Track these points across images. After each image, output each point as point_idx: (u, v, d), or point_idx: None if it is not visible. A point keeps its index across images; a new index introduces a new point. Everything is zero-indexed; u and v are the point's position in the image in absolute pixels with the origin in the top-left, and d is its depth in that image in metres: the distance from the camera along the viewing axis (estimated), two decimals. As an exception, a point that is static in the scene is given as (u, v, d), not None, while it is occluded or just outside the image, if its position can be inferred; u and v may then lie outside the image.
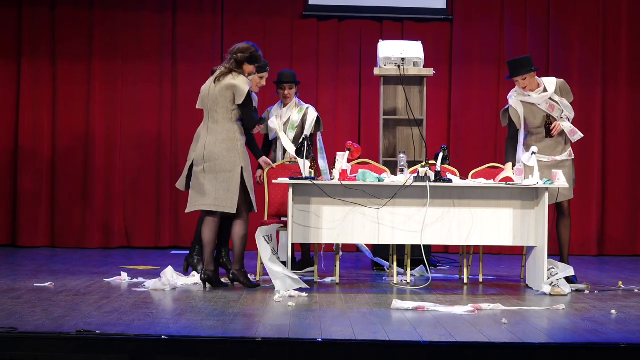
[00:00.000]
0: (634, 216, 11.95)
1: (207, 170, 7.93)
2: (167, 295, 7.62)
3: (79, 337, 5.55)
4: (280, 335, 5.85)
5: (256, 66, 8.15)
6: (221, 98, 7.95)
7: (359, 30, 11.98)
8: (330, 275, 8.71)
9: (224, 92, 7.94)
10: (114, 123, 11.74)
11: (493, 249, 11.36)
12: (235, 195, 7.89)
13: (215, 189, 7.89)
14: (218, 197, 7.89)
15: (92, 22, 11.74)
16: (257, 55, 8.05)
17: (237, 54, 8.01)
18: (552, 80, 8.70)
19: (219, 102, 7.97)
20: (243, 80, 7.93)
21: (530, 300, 7.65)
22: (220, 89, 7.95)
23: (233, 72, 7.96)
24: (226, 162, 7.90)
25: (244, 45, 8.06)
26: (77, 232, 11.67)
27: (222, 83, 7.95)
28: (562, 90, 8.66)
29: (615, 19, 11.99)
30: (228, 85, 7.92)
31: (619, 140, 11.97)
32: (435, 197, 8.21)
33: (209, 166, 7.92)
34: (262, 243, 7.97)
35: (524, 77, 8.53)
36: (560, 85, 8.67)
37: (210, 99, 8.01)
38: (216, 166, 7.91)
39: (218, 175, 7.90)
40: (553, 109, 8.60)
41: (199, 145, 8.07)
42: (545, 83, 8.65)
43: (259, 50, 8.11)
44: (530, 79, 8.55)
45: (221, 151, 7.91)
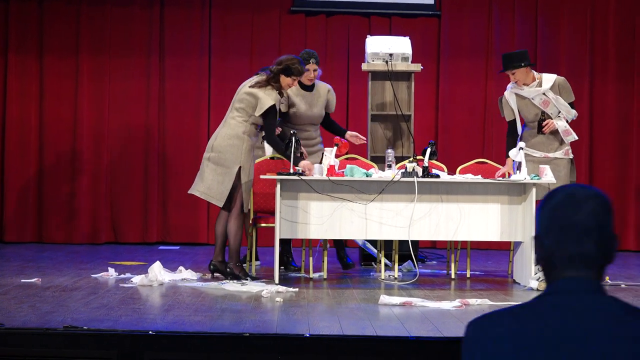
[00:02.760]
0: (621, 210, 11.98)
1: (211, 160, 8.19)
2: (154, 290, 7.61)
3: (66, 333, 5.54)
4: (268, 330, 5.85)
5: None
6: (245, 101, 8.19)
7: (346, 26, 11.98)
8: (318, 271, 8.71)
9: (250, 97, 8.18)
10: (101, 118, 11.71)
11: (481, 245, 11.37)
12: (226, 191, 8.11)
13: (211, 179, 8.15)
14: (211, 187, 8.15)
15: (80, 17, 11.71)
16: (295, 67, 8.21)
17: (275, 65, 8.23)
18: (552, 77, 8.68)
19: (242, 102, 8.20)
20: (272, 96, 8.13)
21: (518, 296, 7.66)
22: (248, 93, 8.19)
23: (270, 85, 8.17)
24: (227, 158, 8.12)
25: (284, 57, 8.32)
26: (65, 227, 11.64)
27: (253, 89, 8.18)
28: (561, 88, 8.65)
29: (603, 12, 12.02)
30: (255, 94, 8.15)
31: (606, 133, 12.00)
32: (423, 192, 8.21)
33: (213, 156, 8.18)
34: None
35: (512, 72, 8.56)
36: (559, 83, 8.65)
37: (238, 96, 8.26)
38: (219, 159, 8.15)
39: (217, 167, 8.15)
40: (547, 105, 8.61)
41: (214, 134, 8.36)
42: (543, 78, 8.65)
43: (302, 64, 8.32)
44: (521, 74, 8.55)
45: (226, 146, 8.14)
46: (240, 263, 8.25)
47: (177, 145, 11.76)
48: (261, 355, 5.51)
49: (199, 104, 11.76)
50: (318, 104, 8.99)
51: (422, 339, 5.64)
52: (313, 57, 8.90)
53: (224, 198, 8.13)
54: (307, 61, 8.81)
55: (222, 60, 11.78)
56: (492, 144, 11.88)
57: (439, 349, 5.58)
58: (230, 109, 8.29)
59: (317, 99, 8.98)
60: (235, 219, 8.18)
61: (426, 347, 5.58)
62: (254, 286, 7.71)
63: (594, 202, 2.41)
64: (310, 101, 8.96)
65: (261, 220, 8.76)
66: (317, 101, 8.98)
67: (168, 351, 5.49)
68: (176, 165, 11.71)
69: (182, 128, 11.78)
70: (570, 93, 8.68)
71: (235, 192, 8.15)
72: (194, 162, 11.30)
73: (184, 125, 11.78)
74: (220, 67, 11.76)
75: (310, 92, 8.97)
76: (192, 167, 11.21)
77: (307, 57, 8.86)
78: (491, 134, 11.93)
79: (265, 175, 8.25)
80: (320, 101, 8.99)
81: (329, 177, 8.08)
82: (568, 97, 8.66)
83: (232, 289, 7.62)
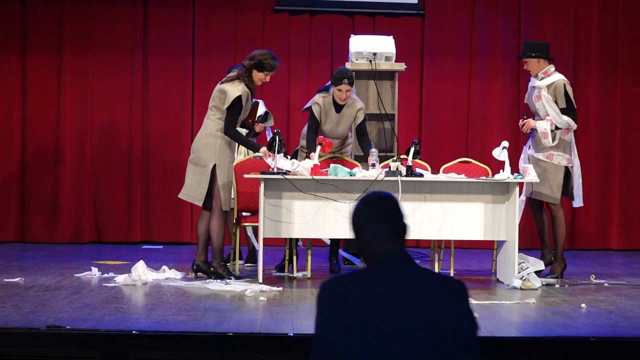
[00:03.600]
0: (604, 209, 12.02)
1: (190, 161, 8.29)
2: (138, 290, 7.60)
3: (49, 333, 5.53)
4: (252, 330, 5.85)
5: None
6: (216, 98, 8.24)
7: (330, 25, 11.98)
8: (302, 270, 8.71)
9: (219, 94, 8.23)
10: (84, 117, 11.67)
11: (464, 243, 11.39)
12: (204, 190, 8.17)
13: (190, 180, 8.23)
14: (190, 187, 8.24)
15: (63, 15, 11.67)
16: (267, 62, 8.21)
17: (247, 60, 8.25)
18: (555, 77, 8.71)
19: (214, 101, 8.25)
20: (238, 88, 8.15)
21: (501, 294, 7.67)
22: (217, 90, 8.26)
23: (239, 78, 8.19)
24: (202, 157, 8.18)
25: (257, 52, 8.32)
26: (47, 226, 11.60)
27: (222, 86, 8.23)
28: (556, 91, 8.68)
29: (587, 11, 12.04)
30: (222, 89, 8.20)
31: (589, 133, 12.02)
32: (407, 191, 8.22)
33: (192, 157, 8.27)
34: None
35: (525, 60, 8.73)
36: (556, 85, 8.68)
37: (212, 95, 8.31)
38: (196, 159, 8.23)
39: (196, 168, 8.22)
40: (538, 100, 8.70)
41: None
42: (548, 75, 8.70)
43: (275, 59, 8.29)
44: (530, 65, 8.70)
45: (202, 145, 8.20)
46: (223, 262, 8.25)
47: (161, 144, 11.73)
48: (245, 354, 5.51)
49: (183, 102, 11.74)
50: (343, 124, 8.89)
51: (405, 338, 5.64)
52: (346, 78, 8.66)
53: (203, 197, 8.17)
54: (339, 81, 8.66)
55: (206, 59, 11.76)
56: (476, 143, 11.89)
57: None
58: (208, 109, 8.33)
59: (345, 119, 8.87)
60: (217, 218, 8.18)
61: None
62: (237, 285, 7.70)
63: (388, 197, 3.28)
64: (336, 122, 8.87)
65: (245, 219, 8.75)
66: (343, 121, 8.88)
67: (151, 351, 5.48)
68: (160, 164, 11.68)
69: (166, 127, 11.75)
70: (562, 99, 8.67)
71: (214, 191, 8.16)
72: (177, 161, 11.29)
73: (168, 124, 11.75)
74: (204, 66, 11.74)
75: (339, 112, 8.86)
76: (176, 166, 11.21)
77: (340, 77, 8.68)
78: (475, 134, 11.94)
79: (249, 175, 8.25)
80: (348, 120, 8.88)
81: (313, 176, 8.08)
82: (560, 102, 8.67)
83: (216, 289, 7.61)
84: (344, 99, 8.74)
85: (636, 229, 12.01)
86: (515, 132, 11.91)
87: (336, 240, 8.94)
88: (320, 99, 8.86)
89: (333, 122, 8.84)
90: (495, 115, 11.98)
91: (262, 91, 11.63)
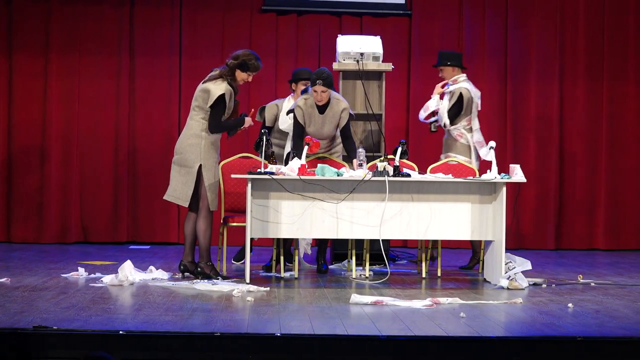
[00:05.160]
0: (591, 210, 12.04)
1: (175, 162, 8.27)
2: (125, 290, 7.58)
3: (36, 333, 5.51)
4: (239, 330, 5.84)
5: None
6: (199, 98, 8.22)
7: (317, 25, 11.98)
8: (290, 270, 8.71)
9: (202, 93, 8.22)
10: (71, 117, 11.65)
11: (451, 243, 11.40)
12: (190, 191, 8.17)
13: (176, 181, 8.22)
14: (176, 188, 8.23)
15: (50, 15, 11.64)
16: (251, 63, 8.25)
17: (231, 60, 8.25)
18: (462, 85, 9.47)
19: (197, 101, 8.24)
20: (221, 87, 8.15)
21: (488, 294, 7.68)
22: (199, 90, 8.25)
23: (222, 77, 8.20)
24: (188, 158, 8.17)
25: (241, 52, 8.33)
26: (34, 227, 11.57)
27: (205, 85, 8.23)
28: (453, 95, 9.45)
29: (573, 13, 12.07)
30: (205, 88, 8.20)
31: (576, 133, 12.05)
32: (394, 191, 8.22)
33: (177, 158, 8.26)
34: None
35: (440, 69, 9.63)
36: (454, 92, 9.43)
37: (194, 96, 8.29)
38: (181, 159, 8.21)
39: (181, 169, 8.21)
40: (442, 98, 9.53)
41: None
42: (456, 82, 9.50)
43: (259, 60, 8.31)
44: (445, 72, 9.59)
45: (186, 146, 8.19)
46: (211, 262, 8.23)
47: (148, 144, 11.71)
48: (232, 354, 5.50)
49: (170, 102, 11.72)
50: (328, 125, 8.87)
51: (393, 337, 5.65)
52: (320, 79, 8.64)
53: (189, 198, 8.17)
54: (314, 82, 8.67)
55: (193, 59, 11.74)
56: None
57: (410, 348, 5.59)
58: (191, 110, 8.30)
59: (329, 120, 8.86)
60: (203, 218, 8.18)
61: (397, 346, 5.59)
62: (225, 285, 7.70)
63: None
64: (320, 123, 8.85)
65: (232, 219, 8.74)
66: (328, 122, 8.86)
67: (138, 351, 5.47)
68: (146, 164, 11.66)
69: (153, 127, 11.73)
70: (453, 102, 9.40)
71: (201, 192, 8.16)
72: (164, 161, 11.25)
73: (154, 124, 11.73)
74: (191, 66, 11.72)
75: (322, 113, 8.86)
76: (162, 166, 11.17)
77: (314, 78, 8.68)
78: (462, 134, 11.94)
79: (237, 175, 8.24)
80: (332, 121, 8.85)
81: (300, 176, 8.07)
82: (448, 102, 9.45)
83: (203, 289, 7.60)
84: (321, 100, 8.72)
85: (622, 229, 12.04)
86: (502, 132, 11.94)
87: (324, 240, 8.94)
88: (302, 101, 8.85)
89: (317, 123, 8.83)
90: (482, 115, 11.96)
91: (249, 91, 11.63)
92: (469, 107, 9.43)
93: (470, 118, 9.44)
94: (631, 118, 12.08)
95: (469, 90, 9.44)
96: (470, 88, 9.47)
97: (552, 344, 5.67)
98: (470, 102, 9.42)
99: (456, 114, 9.41)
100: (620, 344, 5.72)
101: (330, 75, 8.74)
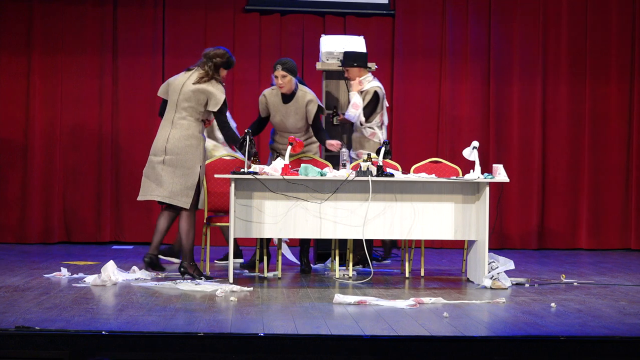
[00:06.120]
0: (574, 210, 12.08)
1: (167, 163, 8.16)
2: (107, 290, 7.56)
3: (18, 334, 5.49)
4: (222, 330, 5.84)
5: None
6: (194, 98, 8.18)
7: (301, 25, 11.98)
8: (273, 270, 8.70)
9: (199, 94, 8.18)
10: (54, 117, 11.61)
11: (435, 243, 11.42)
12: (192, 192, 8.14)
13: (172, 182, 8.15)
14: (174, 190, 8.14)
15: (32, 15, 11.60)
16: (232, 61, 8.36)
17: (216, 58, 8.26)
18: (372, 84, 9.43)
19: (191, 101, 8.19)
20: (221, 89, 8.21)
21: (471, 294, 7.70)
22: (196, 90, 8.19)
23: (214, 78, 8.21)
24: (187, 159, 8.13)
25: (219, 51, 8.33)
26: (16, 227, 11.53)
27: (200, 85, 8.18)
28: (367, 95, 9.42)
29: (556, 13, 12.10)
30: (205, 90, 8.18)
31: (559, 133, 12.09)
32: (377, 191, 8.23)
33: (170, 159, 8.15)
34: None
35: (346, 69, 9.52)
36: (368, 90, 9.39)
37: (183, 95, 8.21)
38: (177, 161, 8.14)
39: (177, 169, 8.15)
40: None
41: (161, 136, 8.25)
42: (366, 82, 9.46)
43: (233, 56, 8.41)
44: (351, 73, 9.47)
45: (184, 147, 8.14)
46: (194, 262, 8.21)
47: (130, 143, 11.68)
48: (215, 354, 5.50)
49: (153, 102, 11.68)
50: (293, 116, 8.88)
51: (376, 337, 5.65)
52: (279, 64, 8.78)
53: (191, 200, 8.12)
54: (274, 68, 8.79)
55: (176, 58, 11.72)
56: (446, 143, 11.93)
57: (393, 348, 5.59)
58: (175, 109, 8.21)
59: (294, 111, 8.88)
60: (187, 217, 8.16)
61: (380, 345, 5.59)
62: (208, 286, 7.69)
63: None
64: (284, 113, 8.89)
65: (215, 219, 8.73)
66: (292, 112, 8.89)
67: (121, 351, 5.46)
68: (129, 164, 11.63)
69: (136, 126, 11.70)
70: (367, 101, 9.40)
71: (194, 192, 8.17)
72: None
73: (138, 123, 11.70)
74: (174, 66, 11.67)
75: (287, 103, 8.88)
76: (146, 166, 11.14)
77: (275, 63, 8.84)
78: (445, 134, 11.98)
79: (220, 175, 8.23)
80: (298, 112, 8.88)
81: (284, 176, 8.07)
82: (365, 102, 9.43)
83: (186, 289, 7.59)
84: (282, 85, 8.79)
85: (605, 229, 12.09)
86: (485, 132, 11.96)
87: (306, 239, 8.94)
88: (268, 91, 9.02)
89: (281, 113, 8.89)
90: (465, 115, 12.02)
91: (233, 91, 11.63)
92: (381, 105, 9.45)
93: (382, 115, 9.46)
94: (613, 117, 12.12)
95: (381, 88, 9.45)
96: (381, 86, 9.48)
97: (535, 344, 5.68)
98: (383, 100, 9.45)
99: (371, 112, 9.38)
100: (602, 343, 5.74)
101: (292, 62, 8.86)
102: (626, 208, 12.10)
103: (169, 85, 8.32)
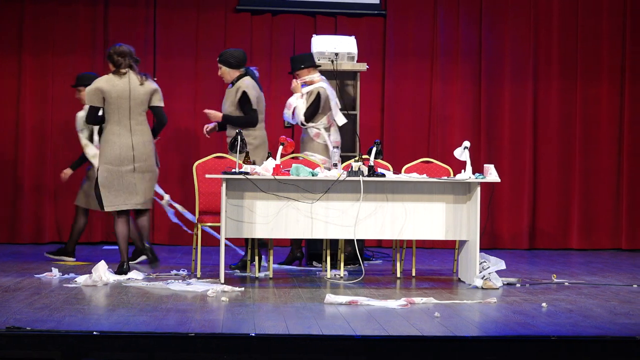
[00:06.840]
0: (565, 210, 12.10)
1: (138, 170, 8.32)
2: (99, 290, 7.56)
3: (9, 334, 5.48)
4: (214, 330, 5.84)
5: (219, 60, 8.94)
6: (146, 101, 8.35)
7: (292, 25, 11.97)
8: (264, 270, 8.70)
9: (146, 95, 8.36)
10: (45, 117, 11.60)
11: (426, 243, 11.43)
12: (152, 192, 8.53)
13: (145, 188, 8.38)
14: (147, 195, 8.40)
15: (23, 15, 11.58)
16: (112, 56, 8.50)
17: (134, 59, 8.51)
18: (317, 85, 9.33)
19: (144, 104, 8.35)
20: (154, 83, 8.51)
21: (463, 294, 7.71)
22: (145, 92, 8.35)
23: (144, 75, 8.46)
24: (152, 163, 8.39)
25: (124, 47, 8.61)
26: (7, 227, 11.51)
27: (146, 87, 8.36)
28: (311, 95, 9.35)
29: (547, 14, 12.13)
30: (150, 89, 8.37)
31: (550, 134, 12.11)
32: (369, 191, 8.23)
33: (140, 166, 8.32)
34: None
35: (297, 74, 9.44)
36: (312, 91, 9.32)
37: (135, 100, 8.31)
38: (146, 166, 8.35)
39: (146, 174, 8.36)
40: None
41: (123, 144, 8.28)
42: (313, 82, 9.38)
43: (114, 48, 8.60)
44: (302, 74, 9.41)
45: (149, 152, 8.36)
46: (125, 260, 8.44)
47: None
48: (207, 354, 5.49)
49: (144, 102, 11.67)
50: (228, 101, 9.08)
51: (367, 337, 5.65)
52: (219, 57, 9.15)
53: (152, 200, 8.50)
54: None
55: (167, 58, 11.71)
56: (437, 143, 11.94)
57: (384, 348, 5.59)
58: (130, 115, 8.29)
59: (230, 96, 9.08)
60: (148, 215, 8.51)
61: (372, 345, 5.59)
62: (199, 286, 7.68)
63: None
64: (225, 98, 9.17)
65: (206, 219, 8.72)
66: (229, 98, 9.08)
67: (113, 351, 5.45)
68: (121, 165, 11.60)
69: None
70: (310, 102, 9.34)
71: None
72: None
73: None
74: (165, 66, 11.69)
75: (229, 89, 9.18)
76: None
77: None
78: (436, 134, 11.99)
79: (211, 175, 8.23)
80: (230, 98, 9.07)
81: (275, 176, 8.07)
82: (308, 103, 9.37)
83: (178, 289, 7.59)
84: (221, 76, 9.13)
85: (596, 229, 12.11)
86: (476, 132, 11.98)
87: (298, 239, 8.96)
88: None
89: (224, 99, 9.16)
90: (457, 115, 12.03)
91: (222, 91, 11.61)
92: (326, 106, 9.32)
93: (329, 116, 9.37)
94: (604, 119, 12.15)
95: (325, 89, 9.34)
96: (326, 87, 9.37)
97: (526, 344, 5.69)
98: (328, 100, 9.33)
99: (313, 113, 9.30)
100: (593, 343, 5.75)
101: (227, 53, 9.10)
102: (617, 208, 12.13)
103: (103, 92, 8.30)
